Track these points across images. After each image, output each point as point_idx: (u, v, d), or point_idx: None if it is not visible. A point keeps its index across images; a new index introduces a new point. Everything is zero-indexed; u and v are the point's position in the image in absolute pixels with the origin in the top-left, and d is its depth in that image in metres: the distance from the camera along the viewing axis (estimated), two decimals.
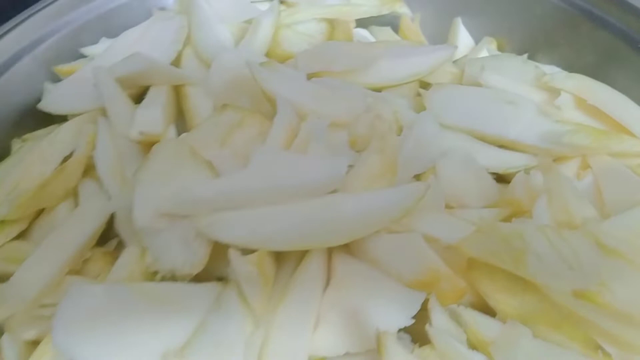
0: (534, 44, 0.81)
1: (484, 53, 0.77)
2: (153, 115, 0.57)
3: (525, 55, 0.78)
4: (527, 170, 0.59)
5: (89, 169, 0.62)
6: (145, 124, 0.56)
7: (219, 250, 0.49)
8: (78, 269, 0.56)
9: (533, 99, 0.63)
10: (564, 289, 0.46)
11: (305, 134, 0.52)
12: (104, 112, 0.63)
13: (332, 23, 0.72)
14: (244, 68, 0.56)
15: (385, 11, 0.76)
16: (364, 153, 0.54)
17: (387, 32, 0.84)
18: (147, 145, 0.57)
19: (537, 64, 0.67)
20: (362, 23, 0.82)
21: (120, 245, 0.58)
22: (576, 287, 0.46)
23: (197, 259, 0.49)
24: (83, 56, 0.76)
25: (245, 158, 0.52)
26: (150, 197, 0.50)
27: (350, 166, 0.53)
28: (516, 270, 0.47)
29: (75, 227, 0.56)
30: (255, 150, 0.50)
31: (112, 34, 0.77)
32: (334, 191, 0.50)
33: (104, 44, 0.76)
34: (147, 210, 0.49)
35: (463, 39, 0.83)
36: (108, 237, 0.60)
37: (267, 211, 0.48)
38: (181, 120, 0.64)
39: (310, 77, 0.62)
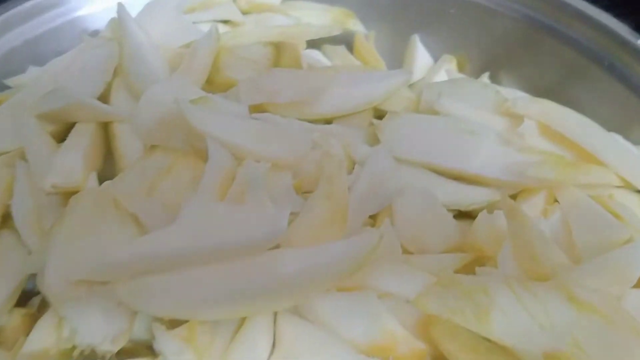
0: (495, 62, 0.77)
1: (442, 73, 0.73)
2: (72, 163, 0.51)
3: (486, 79, 0.73)
4: (490, 208, 0.54)
5: (7, 219, 0.55)
6: (61, 173, 0.50)
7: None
8: None
9: (494, 127, 0.58)
10: (534, 350, 0.41)
11: (241, 181, 0.47)
12: (23, 154, 0.56)
13: (278, 47, 0.66)
14: (176, 103, 0.50)
15: (336, 31, 0.70)
16: (310, 199, 0.48)
17: (341, 51, 0.79)
18: (68, 195, 0.51)
19: (498, 87, 0.63)
20: (314, 42, 0.77)
21: (44, 305, 0.52)
22: (547, 349, 0.41)
23: (120, 333, 0.43)
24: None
25: (175, 209, 0.46)
26: (65, 260, 0.44)
27: (295, 214, 0.48)
28: (480, 329, 0.42)
29: None
30: (185, 202, 0.44)
31: (41, 61, 0.70)
32: (276, 246, 0.45)
33: (31, 72, 0.69)
34: (61, 276, 0.43)
35: (421, 57, 0.79)
36: (31, 293, 0.54)
37: (198, 274, 0.42)
38: (111, 161, 0.58)
39: (252, 109, 0.57)
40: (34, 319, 0.50)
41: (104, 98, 0.61)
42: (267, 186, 0.48)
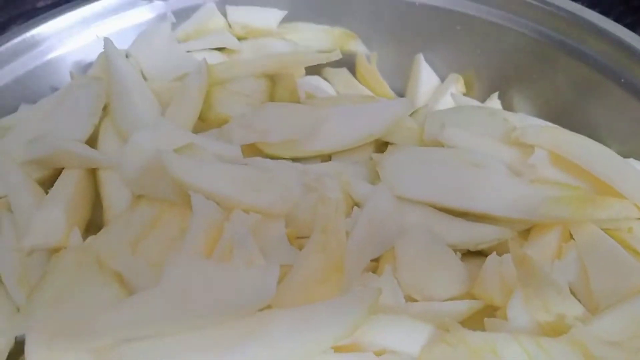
0: (505, 80, 0.73)
1: (448, 96, 0.69)
2: (53, 220, 0.48)
3: (495, 98, 0.70)
4: (500, 248, 0.50)
5: None
6: (41, 233, 0.48)
7: None
8: None
9: (503, 159, 0.55)
10: None
11: (229, 235, 0.44)
12: (9, 204, 0.54)
13: (273, 78, 0.63)
14: (158, 152, 0.47)
15: (335, 57, 0.67)
16: (303, 252, 0.45)
17: (342, 74, 0.76)
18: (54, 250, 0.49)
19: (506, 114, 0.59)
20: (314, 65, 0.74)
21: None
22: None
23: None
24: None
25: (161, 266, 0.43)
26: (45, 327, 0.42)
27: (289, 266, 0.45)
28: None
29: None
30: (168, 261, 0.42)
31: (34, 98, 0.68)
32: (267, 306, 0.42)
33: (22, 111, 0.67)
34: (42, 344, 0.41)
35: (426, 77, 0.75)
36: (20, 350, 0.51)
37: (183, 340, 0.40)
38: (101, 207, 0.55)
39: (245, 148, 0.54)
40: None
41: (93, 140, 0.59)
42: (259, 237, 0.46)
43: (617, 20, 0.65)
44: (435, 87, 0.75)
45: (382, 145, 0.61)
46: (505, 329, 0.43)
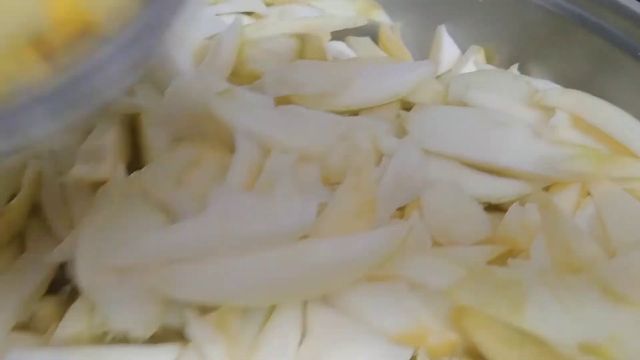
0: (524, 53, 0.75)
1: (470, 65, 0.71)
2: (98, 152, 0.51)
3: (516, 69, 0.72)
4: (522, 201, 0.53)
5: (37, 209, 0.55)
6: (87, 164, 0.50)
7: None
8: (26, 322, 0.50)
9: (525, 119, 0.57)
10: (569, 342, 0.40)
11: (269, 172, 0.46)
12: None
13: (302, 38, 0.66)
14: (202, 95, 0.50)
15: (361, 23, 0.69)
16: (338, 191, 0.48)
17: (366, 43, 0.78)
18: (97, 185, 0.51)
19: (528, 78, 0.61)
20: (338, 34, 0.76)
21: (75, 293, 0.52)
22: (583, 341, 0.40)
23: (151, 318, 0.43)
24: None
25: (204, 199, 0.46)
26: (94, 249, 0.44)
27: (323, 205, 0.47)
28: (514, 320, 0.42)
29: (21, 277, 0.50)
30: (213, 193, 0.44)
31: None
32: (305, 237, 0.44)
33: None
34: (91, 265, 0.43)
35: (448, 48, 0.77)
36: (62, 281, 0.54)
37: (228, 262, 0.42)
38: (137, 154, 0.57)
39: (277, 101, 0.57)
40: (65, 306, 0.50)
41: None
42: (294, 178, 0.48)
43: None
44: (456, 59, 0.77)
45: (407, 109, 0.63)
46: (528, 268, 0.46)
